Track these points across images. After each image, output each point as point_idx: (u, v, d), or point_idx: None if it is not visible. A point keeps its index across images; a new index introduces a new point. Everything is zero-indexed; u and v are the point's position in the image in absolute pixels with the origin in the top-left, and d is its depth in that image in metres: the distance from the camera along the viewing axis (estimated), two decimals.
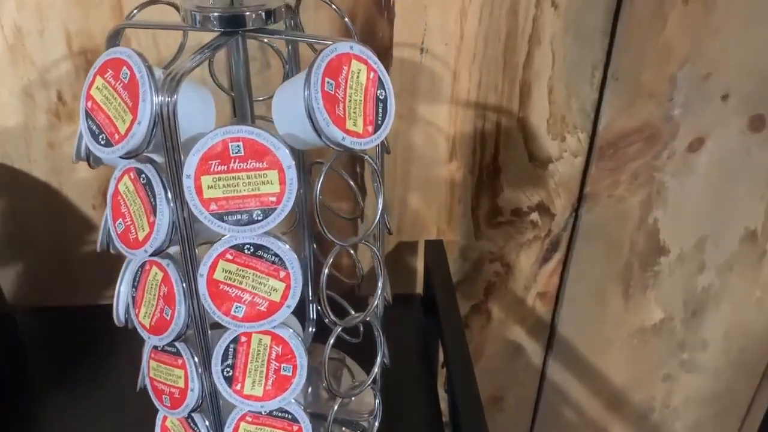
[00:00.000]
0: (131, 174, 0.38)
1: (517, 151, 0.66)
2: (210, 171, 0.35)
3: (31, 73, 0.59)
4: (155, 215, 0.37)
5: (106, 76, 0.36)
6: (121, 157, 0.36)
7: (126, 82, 0.35)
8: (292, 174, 0.36)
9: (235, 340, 0.41)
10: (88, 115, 0.37)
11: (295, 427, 0.44)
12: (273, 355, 0.41)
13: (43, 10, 0.56)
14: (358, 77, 0.37)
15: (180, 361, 0.43)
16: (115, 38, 0.42)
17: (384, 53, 0.61)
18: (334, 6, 0.46)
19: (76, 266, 0.68)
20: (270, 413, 0.43)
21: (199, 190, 0.35)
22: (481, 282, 0.74)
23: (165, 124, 0.34)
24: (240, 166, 0.35)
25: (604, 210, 0.70)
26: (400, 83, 0.62)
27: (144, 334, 0.42)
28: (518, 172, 0.68)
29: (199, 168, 0.35)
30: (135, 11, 0.43)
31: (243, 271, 0.38)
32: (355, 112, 0.37)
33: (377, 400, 0.51)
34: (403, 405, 0.57)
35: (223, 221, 0.36)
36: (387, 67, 0.61)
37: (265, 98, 0.48)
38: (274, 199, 0.36)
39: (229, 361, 0.41)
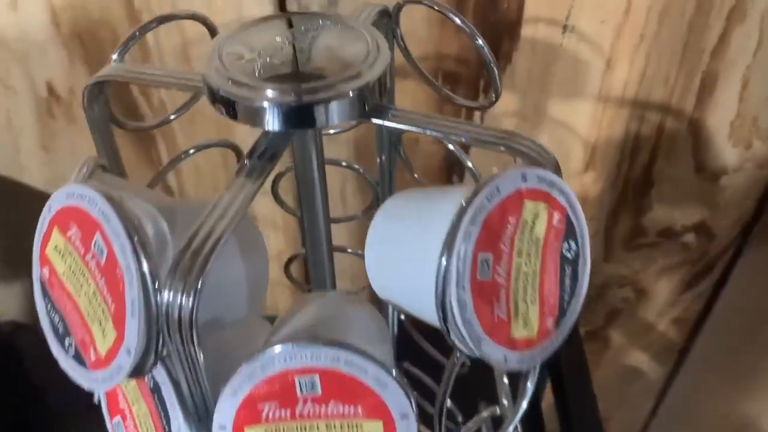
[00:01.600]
0: None
1: (681, 160, 0.48)
2: (260, 419, 0.19)
3: (7, 58, 0.42)
4: None
5: (69, 235, 0.19)
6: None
7: (102, 262, 0.18)
8: (408, 427, 0.19)
9: None
10: (44, 292, 0.21)
11: None
12: None
13: None
14: (532, 229, 0.20)
15: None
16: (97, 93, 0.25)
17: (508, 31, 0.41)
18: (457, 19, 0.27)
19: None
20: None
21: None
22: (603, 308, 0.58)
23: (175, 337, 0.18)
24: (314, 411, 0.19)
25: None
26: (527, 72, 0.43)
27: None
28: (677, 186, 0.49)
29: (240, 415, 0.19)
30: (137, 33, 0.26)
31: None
32: (525, 301, 0.20)
33: None
34: None
35: None
36: (510, 51, 0.42)
37: (347, 219, 0.31)
38: None
39: None
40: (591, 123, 0.45)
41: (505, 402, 0.28)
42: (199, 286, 0.18)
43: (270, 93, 0.20)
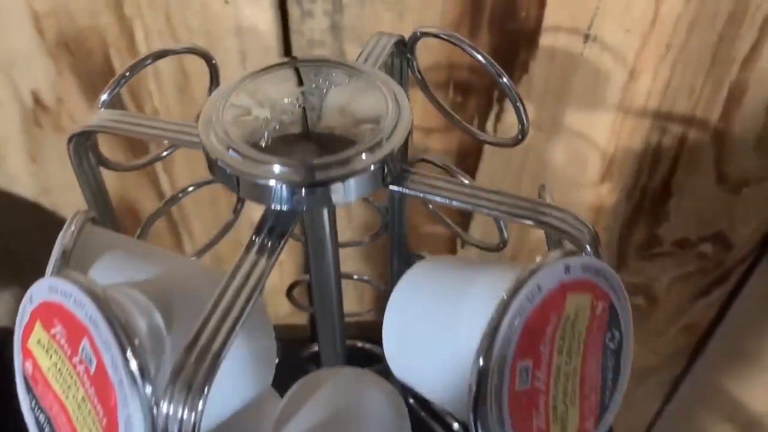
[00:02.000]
0: None
1: (703, 171, 0.45)
2: None
3: None
4: None
5: (53, 333, 0.17)
6: None
7: (91, 371, 0.16)
8: None
9: None
10: (28, 387, 0.18)
11: None
12: None
13: None
14: (574, 324, 0.17)
15: None
16: (85, 142, 0.22)
17: (526, 41, 0.39)
18: (480, 57, 0.25)
19: None
20: None
21: None
22: None
23: None
24: None
25: None
26: (544, 82, 0.40)
27: None
28: (697, 198, 0.47)
29: None
30: (127, 74, 0.23)
31: None
32: (565, 403, 0.18)
33: None
34: None
35: None
36: (527, 60, 0.39)
37: (354, 244, 0.29)
38: None
39: None
40: (610, 134, 0.43)
41: None
42: (203, 398, 0.16)
43: (277, 169, 0.17)
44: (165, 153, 0.26)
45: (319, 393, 0.20)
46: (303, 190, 0.17)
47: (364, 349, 0.41)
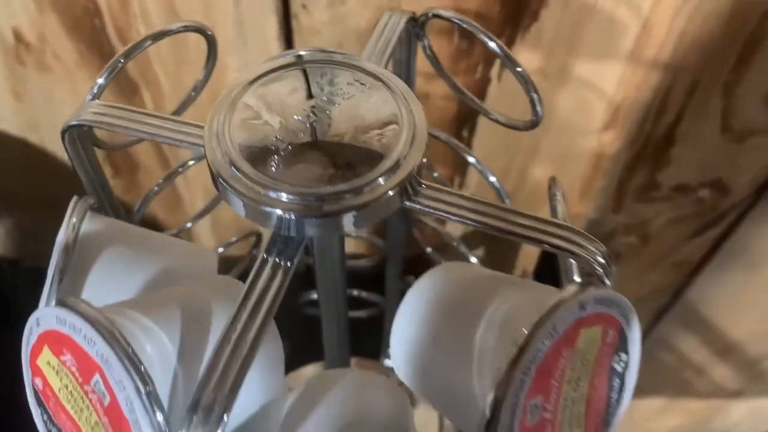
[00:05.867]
0: None
1: (709, 121, 0.45)
2: None
3: None
4: None
5: (63, 359, 0.17)
6: None
7: (105, 404, 0.16)
8: None
9: None
10: (39, 401, 0.18)
11: None
12: None
13: None
14: (585, 355, 0.18)
15: None
16: (76, 134, 0.21)
17: None
18: (493, 45, 0.23)
19: None
20: None
21: None
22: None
23: None
24: None
25: None
26: (554, 31, 0.39)
27: None
28: (700, 146, 0.47)
29: None
30: (121, 60, 0.22)
31: None
32: (570, 425, 0.18)
33: None
34: None
35: None
36: (537, 9, 0.37)
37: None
38: None
39: None
40: (618, 83, 0.42)
41: None
42: (223, 428, 0.16)
43: (285, 197, 0.17)
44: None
45: (325, 397, 0.20)
46: (313, 222, 0.17)
47: (360, 297, 0.42)
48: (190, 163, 0.27)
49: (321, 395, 0.20)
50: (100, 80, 0.22)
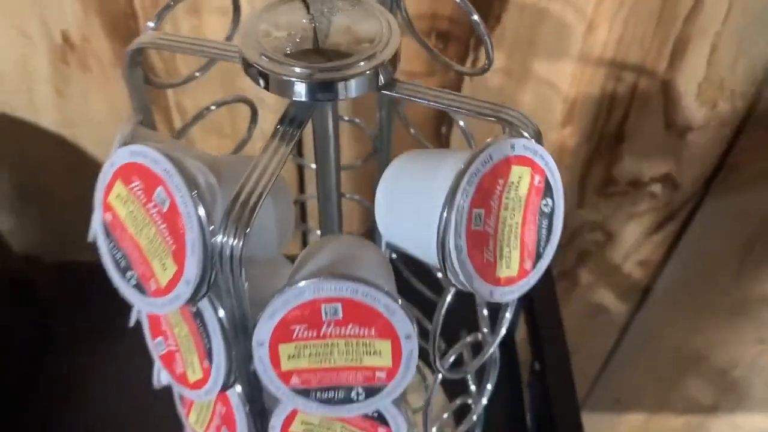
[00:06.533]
0: None
1: (652, 117, 0.52)
2: (292, 338, 0.24)
3: (23, 8, 0.44)
4: (211, 363, 0.26)
5: (131, 187, 0.23)
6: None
7: (164, 210, 0.22)
8: (410, 345, 0.24)
9: None
10: (107, 233, 0.24)
11: None
12: None
13: None
14: (517, 189, 0.24)
15: None
16: (137, 59, 0.28)
17: None
18: (462, 2, 0.31)
19: None
20: None
21: (275, 361, 0.24)
22: (574, 250, 0.63)
23: (226, 271, 0.22)
24: (336, 332, 0.24)
25: (742, 183, 0.57)
26: (514, 33, 0.46)
27: None
28: (647, 141, 0.54)
29: (276, 334, 0.24)
30: (171, 2, 0.29)
31: (329, 423, 0.28)
32: (509, 246, 0.24)
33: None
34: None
35: (308, 398, 0.25)
36: (500, 13, 0.45)
37: (348, 167, 0.35)
38: (383, 374, 0.24)
39: None
40: (571, 81, 0.49)
41: (485, 329, 0.33)
42: (247, 232, 0.22)
43: (298, 70, 0.23)
44: (198, 73, 0.32)
45: (326, 247, 0.26)
46: (317, 87, 0.23)
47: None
48: (212, 107, 0.33)
49: (320, 247, 0.26)
50: (151, 23, 0.28)
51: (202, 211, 0.21)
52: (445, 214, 0.22)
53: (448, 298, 0.25)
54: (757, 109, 0.51)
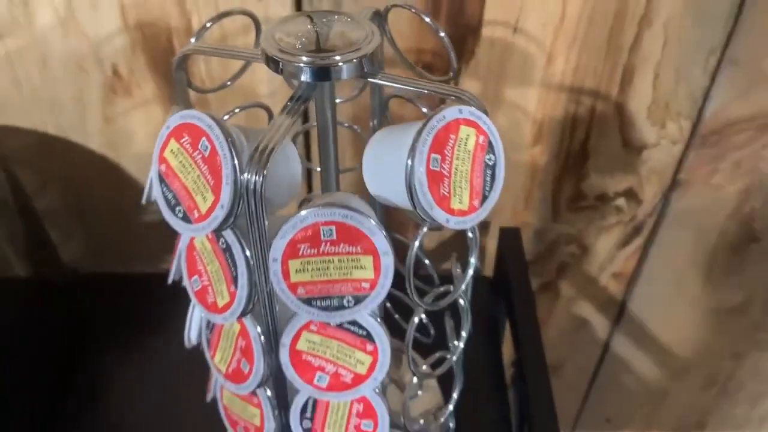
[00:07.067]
0: (208, 234, 0.35)
1: (611, 137, 0.60)
2: (299, 255, 0.32)
3: (83, 46, 0.54)
4: (236, 286, 0.34)
5: (182, 142, 0.32)
6: None
7: (206, 155, 0.31)
8: (387, 261, 0.32)
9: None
10: (161, 180, 0.33)
11: None
12: (354, 412, 0.39)
13: None
14: (465, 144, 0.32)
15: (256, 401, 0.41)
16: (183, 64, 0.37)
17: (471, 32, 0.54)
18: (429, 21, 0.40)
19: (133, 235, 0.67)
20: None
21: (286, 274, 0.32)
22: (553, 262, 0.71)
23: (250, 203, 0.30)
24: (331, 250, 0.32)
25: (697, 197, 0.65)
26: (486, 64, 0.55)
27: (219, 378, 0.41)
28: (608, 158, 0.62)
29: (287, 251, 0.31)
30: (207, 24, 0.38)
31: (328, 342, 0.35)
32: (461, 187, 0.32)
33: (452, 423, 0.50)
34: (470, 382, 0.55)
35: (311, 306, 0.33)
36: (473, 47, 0.55)
37: (347, 170, 0.43)
38: (367, 285, 0.32)
39: (308, 414, 0.39)
40: (537, 105, 0.58)
41: (458, 269, 0.40)
42: (265, 172, 0.30)
43: (305, 59, 0.32)
44: (229, 82, 0.41)
45: (323, 195, 0.34)
46: (317, 70, 0.32)
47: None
48: (236, 110, 0.42)
49: (318, 198, 0.34)
50: (193, 39, 0.38)
51: (234, 153, 0.30)
52: (410, 160, 0.30)
53: (420, 236, 0.33)
54: (700, 128, 0.59)
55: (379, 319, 0.34)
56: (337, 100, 0.47)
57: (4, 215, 0.52)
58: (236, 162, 0.30)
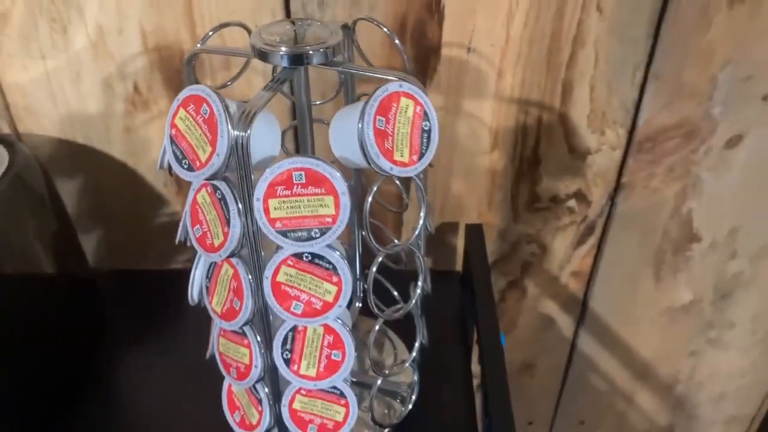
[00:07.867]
0: (208, 188, 0.44)
1: (557, 143, 0.70)
2: (276, 195, 0.41)
3: (110, 66, 0.65)
4: (229, 227, 0.43)
5: (188, 109, 0.41)
6: None
7: (206, 117, 0.40)
8: (345, 200, 0.41)
9: (294, 329, 0.47)
10: (172, 141, 0.42)
11: (343, 401, 0.50)
12: (325, 343, 0.48)
13: (122, 10, 0.62)
14: (406, 112, 0.42)
15: (246, 341, 0.50)
16: (191, 61, 0.47)
17: (433, 52, 0.64)
18: (386, 30, 0.50)
19: (149, 236, 0.76)
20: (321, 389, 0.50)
21: (266, 211, 0.41)
22: (518, 261, 0.79)
23: (239, 154, 0.40)
24: (302, 191, 0.41)
25: (640, 199, 0.74)
26: (447, 80, 0.66)
27: (216, 318, 0.49)
28: (557, 163, 0.71)
29: (267, 192, 0.41)
30: (210, 33, 0.48)
31: (302, 275, 0.44)
32: (402, 144, 0.42)
33: (415, 375, 0.58)
34: (438, 374, 0.63)
35: (286, 237, 0.42)
36: (436, 65, 0.65)
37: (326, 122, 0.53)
38: (330, 219, 0.41)
39: (288, 346, 0.48)
40: (492, 115, 0.68)
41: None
42: (249, 130, 0.40)
43: (284, 49, 0.42)
44: (229, 82, 0.51)
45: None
46: (293, 57, 0.42)
47: None
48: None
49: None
50: (199, 44, 0.48)
51: (227, 116, 0.39)
52: (361, 123, 0.40)
53: (375, 188, 0.42)
54: (635, 135, 0.69)
55: (341, 255, 0.43)
56: (318, 102, 0.57)
57: (39, 215, 0.61)
58: (228, 121, 0.39)
